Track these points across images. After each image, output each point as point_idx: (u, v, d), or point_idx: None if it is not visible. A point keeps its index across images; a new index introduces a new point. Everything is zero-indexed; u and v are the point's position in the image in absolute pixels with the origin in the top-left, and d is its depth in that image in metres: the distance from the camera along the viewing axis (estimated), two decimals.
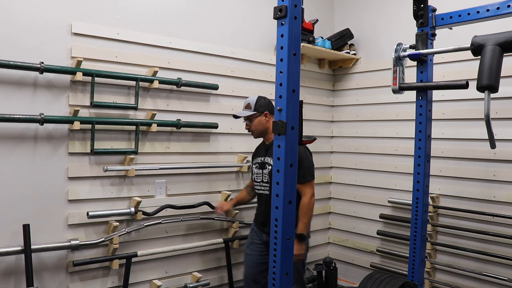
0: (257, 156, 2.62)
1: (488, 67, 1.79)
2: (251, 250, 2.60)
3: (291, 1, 1.43)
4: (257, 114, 2.51)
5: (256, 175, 2.59)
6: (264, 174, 2.53)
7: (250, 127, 2.56)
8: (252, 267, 2.58)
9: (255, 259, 2.57)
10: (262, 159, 2.57)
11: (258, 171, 2.58)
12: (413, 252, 2.33)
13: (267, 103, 2.55)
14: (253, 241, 2.61)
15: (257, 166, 2.58)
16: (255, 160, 2.63)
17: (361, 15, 3.68)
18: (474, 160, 2.89)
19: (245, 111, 2.54)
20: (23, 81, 2.22)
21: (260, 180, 2.56)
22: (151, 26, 2.68)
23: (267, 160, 2.52)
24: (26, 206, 2.25)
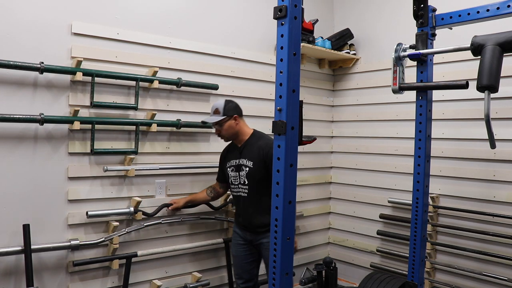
0: (230, 159, 2.58)
1: (488, 67, 1.79)
2: (237, 252, 2.62)
3: (291, 1, 1.43)
4: (226, 118, 2.47)
5: (233, 178, 2.55)
6: (241, 176, 2.50)
7: (220, 131, 2.52)
8: (241, 266, 2.61)
9: (242, 259, 2.60)
10: (237, 162, 2.53)
11: (234, 173, 2.54)
12: (413, 252, 2.33)
13: (235, 106, 2.53)
14: (237, 242, 2.62)
15: (233, 169, 2.55)
16: (229, 162, 2.58)
17: (361, 15, 3.68)
18: (474, 160, 2.89)
19: (214, 117, 2.49)
20: (23, 81, 2.22)
21: (237, 183, 2.53)
22: (151, 26, 2.68)
23: (242, 162, 2.50)
24: (26, 206, 2.25)
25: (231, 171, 2.57)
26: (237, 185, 2.54)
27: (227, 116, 2.48)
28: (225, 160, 2.63)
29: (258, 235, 2.50)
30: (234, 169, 2.55)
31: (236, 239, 2.63)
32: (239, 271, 2.64)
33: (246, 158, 2.49)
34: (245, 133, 2.55)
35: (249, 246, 2.58)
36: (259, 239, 2.50)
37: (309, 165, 3.64)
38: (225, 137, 2.56)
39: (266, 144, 2.46)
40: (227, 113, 2.48)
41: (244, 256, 2.60)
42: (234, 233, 2.67)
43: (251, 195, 2.48)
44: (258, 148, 2.47)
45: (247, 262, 2.60)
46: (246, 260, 2.60)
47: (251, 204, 2.49)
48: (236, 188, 2.55)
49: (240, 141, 2.55)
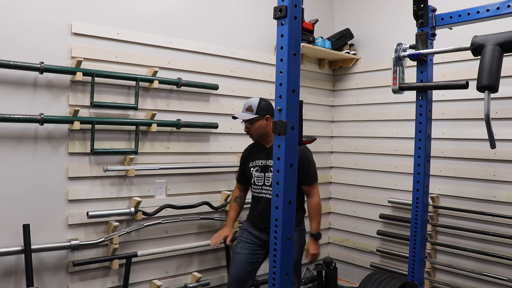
0: (256, 159, 2.57)
1: (488, 67, 1.79)
2: (242, 249, 2.54)
3: (291, 1, 1.43)
4: (258, 117, 2.44)
5: (257, 178, 2.54)
6: (267, 178, 2.48)
7: (249, 129, 2.49)
8: (241, 266, 2.52)
9: (245, 258, 2.52)
10: (263, 162, 2.52)
11: (259, 174, 2.53)
12: (413, 252, 2.33)
13: (269, 106, 2.50)
14: (245, 240, 2.56)
15: (258, 169, 2.54)
16: (253, 162, 2.57)
17: (361, 15, 3.68)
18: (474, 160, 2.89)
19: (246, 114, 2.47)
20: (23, 81, 2.22)
21: (261, 184, 2.52)
22: (151, 26, 2.68)
23: (270, 163, 2.47)
24: (26, 206, 2.25)
25: (255, 171, 2.54)
26: (261, 186, 2.51)
27: (260, 115, 2.44)
28: (248, 159, 2.59)
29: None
30: (259, 170, 2.52)
31: (246, 237, 2.57)
32: (235, 270, 2.53)
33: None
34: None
35: (258, 247, 2.53)
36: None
37: None
38: (254, 136, 2.51)
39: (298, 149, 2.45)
40: (260, 112, 2.44)
41: (249, 255, 2.53)
42: (244, 231, 2.60)
43: None
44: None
45: (250, 262, 2.53)
46: (250, 259, 2.53)
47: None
48: (259, 189, 2.52)
49: (269, 142, 2.50)
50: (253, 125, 2.46)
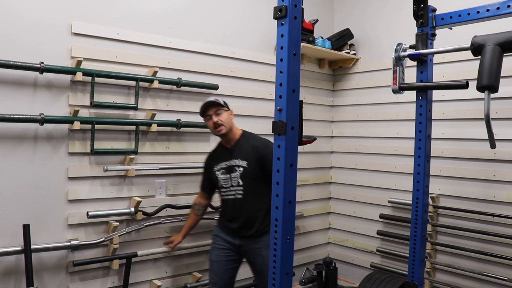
0: (219, 162, 2.45)
1: (488, 67, 1.79)
2: (217, 257, 2.46)
3: (291, 1, 1.43)
4: (226, 108, 2.42)
5: (223, 180, 2.42)
6: (234, 178, 2.38)
7: (219, 119, 2.37)
8: (221, 274, 2.45)
9: (223, 265, 2.45)
10: (227, 163, 2.41)
11: (225, 176, 2.41)
12: (413, 252, 2.33)
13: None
14: (219, 247, 2.46)
15: (223, 171, 2.42)
16: (217, 166, 2.45)
17: (361, 15, 3.68)
18: (474, 160, 2.89)
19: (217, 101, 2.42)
20: (23, 81, 2.22)
21: (229, 185, 2.41)
22: (151, 26, 2.68)
23: (234, 162, 2.39)
24: (26, 206, 2.25)
25: (220, 173, 2.44)
26: (229, 187, 2.41)
27: (226, 107, 2.43)
28: (212, 164, 2.49)
29: (250, 240, 2.38)
30: (224, 172, 2.42)
31: (219, 243, 2.47)
32: (216, 278, 2.46)
33: (239, 158, 2.39)
34: (236, 132, 2.46)
35: (233, 252, 2.44)
36: (250, 244, 2.39)
37: (309, 165, 3.64)
38: (224, 127, 2.38)
39: (261, 143, 2.41)
40: (226, 105, 2.44)
41: (225, 262, 2.45)
42: (216, 237, 2.50)
43: (249, 196, 2.37)
44: (252, 148, 2.39)
45: (228, 268, 2.46)
46: (227, 266, 2.45)
47: (249, 206, 2.37)
48: (228, 191, 2.42)
49: (230, 141, 2.45)
50: (222, 115, 2.39)
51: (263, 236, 2.37)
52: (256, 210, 2.37)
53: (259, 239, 2.37)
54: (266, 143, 2.42)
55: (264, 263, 2.32)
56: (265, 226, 2.38)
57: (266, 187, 2.38)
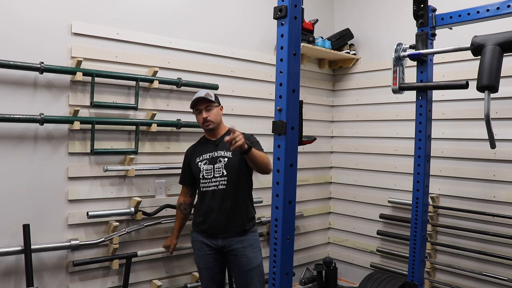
0: (202, 153, 2.43)
1: (488, 67, 1.79)
2: (206, 263, 2.41)
3: (291, 1, 1.43)
4: (216, 104, 2.43)
5: (206, 171, 2.38)
6: (217, 168, 2.35)
7: (208, 116, 2.37)
8: (213, 279, 2.43)
9: (213, 270, 2.42)
10: (211, 155, 2.39)
11: (208, 166, 2.38)
12: (413, 252, 2.33)
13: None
14: (204, 253, 2.40)
15: (206, 162, 2.39)
16: (200, 157, 2.42)
17: (361, 15, 3.68)
18: (474, 160, 2.89)
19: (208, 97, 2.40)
20: (23, 81, 2.22)
21: (211, 176, 2.36)
22: (151, 26, 2.68)
23: (219, 153, 2.38)
24: (26, 206, 2.25)
25: (203, 164, 2.39)
26: (210, 178, 2.36)
27: (217, 102, 2.44)
28: (194, 156, 2.46)
29: (232, 240, 2.33)
30: (207, 162, 2.39)
31: (202, 249, 2.41)
32: (209, 284, 2.43)
33: (224, 150, 2.37)
34: (223, 128, 2.48)
35: (218, 255, 2.40)
36: (232, 244, 2.34)
37: (309, 165, 3.64)
38: (212, 123, 2.38)
39: (245, 136, 2.35)
40: (217, 100, 2.45)
41: (215, 266, 2.41)
42: (197, 243, 2.44)
43: (231, 187, 2.33)
44: None
45: (218, 271, 2.44)
46: (217, 269, 2.43)
47: (231, 197, 2.33)
48: (209, 182, 2.37)
49: (217, 135, 2.45)
50: (212, 111, 2.39)
51: (246, 235, 2.36)
52: (238, 201, 2.35)
53: (242, 238, 2.34)
54: (249, 137, 2.42)
55: (249, 263, 2.33)
56: (248, 224, 2.37)
57: (248, 179, 2.43)
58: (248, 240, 2.36)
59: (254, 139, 2.44)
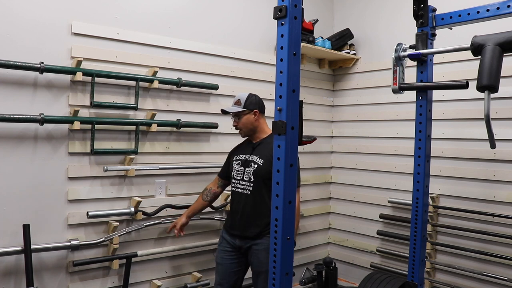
0: (240, 153, 2.46)
1: (488, 67, 1.79)
2: (222, 259, 2.44)
3: (291, 1, 1.43)
4: (246, 112, 2.39)
5: (236, 172, 2.42)
6: (247, 172, 2.37)
7: (237, 124, 2.42)
8: (226, 276, 2.43)
9: (227, 268, 2.42)
10: (246, 157, 2.41)
11: (239, 168, 2.41)
12: (413, 252, 2.33)
13: (258, 101, 2.45)
14: (223, 249, 2.45)
15: (239, 163, 2.42)
16: (237, 156, 2.46)
17: (361, 15, 3.68)
18: (474, 160, 2.89)
19: (234, 107, 2.43)
20: (23, 81, 2.22)
21: (240, 178, 2.39)
22: (151, 26, 2.68)
23: (252, 158, 2.38)
24: (26, 206, 2.25)
25: (236, 164, 2.43)
26: (239, 180, 2.40)
27: (247, 109, 2.39)
28: (234, 155, 2.51)
29: (248, 241, 2.35)
30: (240, 163, 2.42)
31: (223, 245, 2.46)
32: (221, 280, 2.45)
33: (258, 156, 2.36)
34: (263, 131, 2.44)
35: (237, 253, 2.42)
36: (248, 245, 2.35)
37: (309, 165, 3.64)
38: (242, 131, 2.43)
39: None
40: (248, 106, 2.39)
41: (230, 264, 2.42)
42: (221, 238, 2.49)
43: (255, 193, 2.34)
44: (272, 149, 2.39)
45: (233, 271, 2.43)
46: (232, 269, 2.43)
47: (253, 203, 2.34)
48: (237, 184, 2.41)
49: (256, 138, 2.44)
50: (241, 119, 2.40)
51: (262, 239, 2.33)
52: (260, 209, 2.33)
53: (257, 241, 2.34)
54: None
55: (260, 265, 2.32)
56: (264, 229, 2.34)
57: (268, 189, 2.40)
58: (263, 243, 2.31)
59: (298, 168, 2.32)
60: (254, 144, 2.44)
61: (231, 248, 2.42)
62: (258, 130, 2.43)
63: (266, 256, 2.30)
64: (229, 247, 2.43)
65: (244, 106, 2.40)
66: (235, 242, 2.40)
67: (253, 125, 2.42)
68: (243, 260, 2.43)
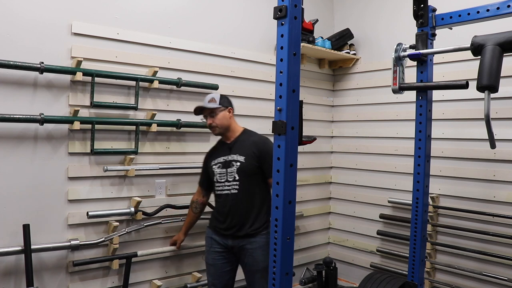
0: (217, 157, 2.45)
1: (488, 67, 1.79)
2: (213, 260, 2.43)
3: (291, 1, 1.44)
4: (222, 108, 2.41)
5: (219, 175, 2.40)
6: (230, 173, 2.37)
7: (213, 121, 2.39)
8: (219, 276, 2.43)
9: (219, 268, 2.43)
10: (225, 158, 2.41)
11: (221, 170, 2.40)
12: (413, 252, 2.33)
13: (229, 100, 2.49)
14: (213, 250, 2.43)
15: (220, 166, 2.41)
16: (215, 160, 2.44)
17: (361, 15, 3.68)
18: (474, 160, 2.89)
19: (210, 104, 2.42)
20: (23, 81, 2.22)
21: (224, 180, 2.39)
22: (151, 26, 2.68)
23: (232, 157, 2.38)
24: (26, 206, 2.25)
25: (217, 167, 2.42)
26: (224, 182, 2.39)
27: (223, 106, 2.42)
28: (210, 159, 2.48)
29: (241, 240, 2.35)
30: (221, 166, 2.41)
31: (212, 246, 2.44)
32: (214, 281, 2.45)
33: (237, 154, 2.37)
34: (236, 130, 2.47)
35: (228, 253, 2.42)
36: (241, 244, 2.35)
37: (309, 165, 3.64)
38: (218, 129, 2.42)
39: (260, 139, 2.43)
40: (223, 103, 2.42)
41: (222, 264, 2.42)
42: (209, 239, 2.48)
43: (243, 191, 2.34)
44: (251, 143, 2.39)
45: (225, 271, 2.44)
46: (224, 269, 2.43)
47: (242, 201, 2.35)
48: (222, 186, 2.40)
49: (230, 138, 2.45)
50: (217, 116, 2.40)
51: (256, 237, 2.34)
52: (250, 206, 2.35)
53: (251, 240, 2.34)
54: (265, 140, 2.43)
55: (255, 264, 2.33)
56: (258, 227, 2.36)
57: (262, 185, 2.41)
58: (258, 241, 2.34)
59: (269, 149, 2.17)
60: (230, 144, 2.45)
61: (222, 249, 2.42)
62: (231, 128, 2.45)
63: (261, 254, 2.33)
64: (220, 247, 2.42)
65: (219, 103, 2.42)
66: (227, 243, 2.40)
67: (228, 122, 2.44)
68: (234, 260, 2.44)
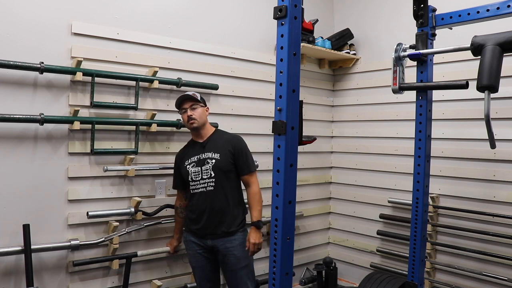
0: (190, 156, 2.46)
1: (488, 67, 1.79)
2: (196, 262, 2.46)
3: (291, 1, 1.44)
4: (202, 105, 2.46)
5: (194, 173, 2.40)
6: (205, 170, 2.38)
7: (193, 114, 2.40)
8: (206, 276, 2.47)
9: (204, 269, 2.46)
10: (199, 157, 2.42)
11: (195, 169, 2.41)
12: (413, 252, 2.33)
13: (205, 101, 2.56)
14: (196, 253, 2.45)
15: (194, 164, 2.42)
16: (189, 160, 2.45)
17: (361, 15, 3.68)
18: (474, 160, 2.89)
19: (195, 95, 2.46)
20: (23, 81, 2.22)
21: (199, 178, 2.39)
22: (151, 26, 2.68)
23: (207, 155, 2.40)
24: (26, 206, 2.25)
25: (191, 166, 2.43)
26: (199, 180, 2.39)
27: (203, 103, 2.48)
28: (183, 160, 2.49)
29: (220, 239, 2.37)
30: (195, 165, 2.42)
31: (194, 248, 2.45)
32: (202, 282, 2.47)
33: (212, 151, 2.41)
34: (210, 129, 2.51)
35: (209, 253, 2.44)
36: (222, 244, 2.37)
37: (309, 165, 3.64)
38: (196, 121, 2.40)
39: (233, 137, 2.49)
40: (202, 101, 2.49)
41: (207, 264, 2.45)
42: (188, 242, 2.48)
43: (219, 188, 2.37)
44: (225, 141, 2.44)
45: (211, 270, 2.48)
46: (210, 268, 2.47)
47: (219, 198, 2.37)
48: (197, 184, 2.40)
49: (203, 136, 2.47)
50: (198, 110, 2.43)
51: (235, 235, 2.38)
52: (226, 204, 2.38)
53: (231, 238, 2.37)
54: (239, 138, 2.49)
55: (238, 262, 2.36)
56: (237, 224, 2.39)
57: (237, 182, 2.45)
58: (237, 239, 2.38)
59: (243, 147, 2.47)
60: (203, 143, 2.47)
61: (203, 249, 2.44)
62: (206, 126, 2.50)
63: (242, 250, 2.37)
64: (200, 248, 2.44)
65: (200, 99, 2.47)
66: (207, 243, 2.41)
67: (205, 120, 2.48)
68: (216, 259, 2.47)
